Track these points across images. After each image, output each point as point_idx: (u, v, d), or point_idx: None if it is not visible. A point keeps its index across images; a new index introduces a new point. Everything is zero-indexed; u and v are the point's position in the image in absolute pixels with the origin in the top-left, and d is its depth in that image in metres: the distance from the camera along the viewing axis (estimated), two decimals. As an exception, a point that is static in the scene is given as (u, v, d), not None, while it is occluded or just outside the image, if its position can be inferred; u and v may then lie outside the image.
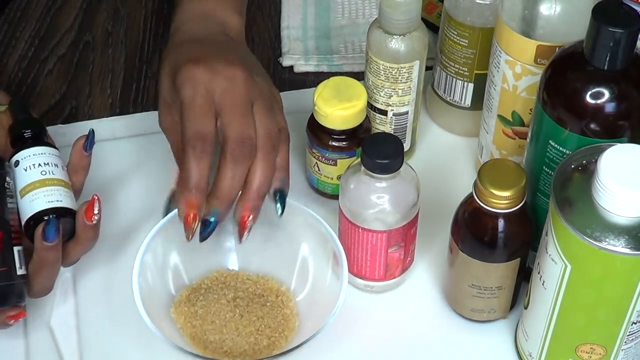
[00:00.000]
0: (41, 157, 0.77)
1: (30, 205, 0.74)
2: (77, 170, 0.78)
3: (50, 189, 0.75)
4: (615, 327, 0.68)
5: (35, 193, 0.75)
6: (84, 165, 0.78)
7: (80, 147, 0.78)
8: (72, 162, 0.78)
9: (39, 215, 0.74)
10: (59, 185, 0.76)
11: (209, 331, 0.77)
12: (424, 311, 0.81)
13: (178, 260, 0.80)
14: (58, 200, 0.75)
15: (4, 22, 1.06)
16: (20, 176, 0.76)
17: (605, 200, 0.62)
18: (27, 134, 0.78)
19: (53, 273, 0.75)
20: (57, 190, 0.75)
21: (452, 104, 0.91)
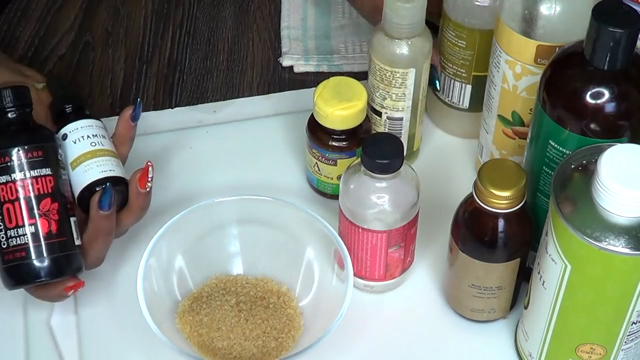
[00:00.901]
0: (89, 129, 0.78)
1: (84, 176, 0.76)
2: (123, 141, 0.79)
3: (102, 159, 0.76)
4: (615, 327, 0.68)
5: (87, 164, 0.76)
6: (130, 136, 0.79)
7: (128, 118, 0.78)
8: (119, 133, 0.79)
9: (94, 185, 0.75)
10: (109, 156, 0.77)
11: (217, 338, 0.77)
12: (424, 311, 0.81)
13: (183, 264, 0.80)
14: (111, 170, 0.76)
15: (4, 22, 1.06)
16: (70, 148, 0.77)
17: (605, 200, 0.62)
18: (69, 109, 0.79)
19: (107, 242, 0.76)
20: (109, 160, 0.77)
21: (451, 105, 0.91)
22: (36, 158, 0.73)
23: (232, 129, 0.95)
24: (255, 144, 0.93)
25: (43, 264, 0.72)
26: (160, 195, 0.88)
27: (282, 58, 1.02)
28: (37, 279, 0.73)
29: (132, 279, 0.75)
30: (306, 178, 0.90)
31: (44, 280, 0.73)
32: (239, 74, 1.01)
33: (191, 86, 1.00)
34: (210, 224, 0.80)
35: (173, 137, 0.94)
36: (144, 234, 0.82)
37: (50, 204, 0.73)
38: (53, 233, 0.72)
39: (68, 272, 0.73)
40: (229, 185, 0.89)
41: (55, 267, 0.72)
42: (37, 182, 0.72)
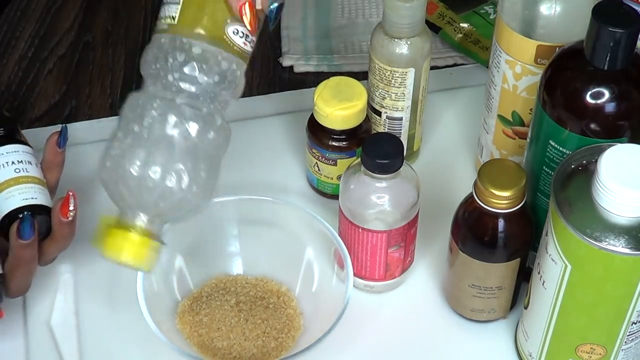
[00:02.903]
0: (14, 155, 0.76)
1: (5, 203, 0.74)
2: (51, 167, 0.77)
3: (24, 186, 0.74)
4: (615, 327, 0.68)
5: (9, 191, 0.74)
6: (58, 162, 0.77)
7: (54, 144, 0.76)
8: (46, 159, 0.77)
9: (14, 213, 0.73)
10: (33, 183, 0.75)
11: (216, 338, 0.77)
12: (424, 311, 0.81)
13: (183, 264, 0.80)
14: (33, 198, 0.74)
15: (4, 22, 1.06)
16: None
17: (605, 200, 0.62)
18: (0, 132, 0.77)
19: (30, 271, 0.73)
20: (32, 187, 0.75)
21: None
22: None
23: (232, 128, 0.95)
24: (255, 144, 0.93)
25: None
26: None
27: (282, 58, 1.01)
28: None
29: (132, 279, 0.75)
30: (306, 178, 0.90)
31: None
32: (239, 74, 1.01)
33: (191, 86, 0.99)
34: (210, 224, 0.80)
35: (173, 137, 0.94)
36: (144, 234, 0.82)
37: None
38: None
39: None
40: (229, 185, 0.89)
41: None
42: None
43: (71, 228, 0.73)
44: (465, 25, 1.01)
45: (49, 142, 0.76)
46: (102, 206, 0.81)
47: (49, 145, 0.76)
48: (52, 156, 0.76)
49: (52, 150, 0.76)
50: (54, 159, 0.77)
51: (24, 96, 0.98)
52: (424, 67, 0.83)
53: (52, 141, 0.76)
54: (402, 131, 0.87)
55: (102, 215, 0.69)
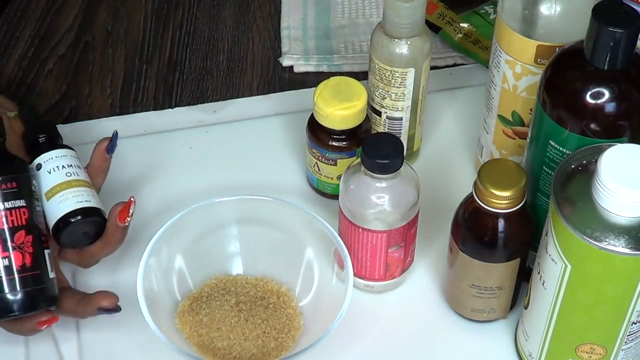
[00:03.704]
0: (64, 159, 0.77)
1: (59, 207, 0.75)
2: (97, 172, 0.78)
3: (77, 189, 0.75)
4: (615, 327, 0.68)
5: (63, 194, 0.75)
6: (105, 168, 0.78)
7: (103, 150, 0.78)
8: (94, 164, 0.78)
9: (70, 215, 0.74)
10: (84, 186, 0.76)
11: (216, 338, 0.77)
12: (424, 311, 0.81)
13: (183, 263, 0.80)
14: (87, 200, 0.75)
15: (4, 22, 1.06)
16: (45, 178, 0.76)
17: (605, 200, 0.62)
18: (42, 139, 0.78)
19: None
20: (85, 190, 0.76)
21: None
22: (10, 189, 0.71)
23: (232, 129, 0.95)
24: (255, 144, 0.93)
25: (16, 297, 0.71)
26: (160, 195, 0.88)
27: (282, 58, 1.02)
28: (10, 313, 0.71)
29: (132, 279, 0.75)
30: (306, 178, 0.90)
31: (17, 315, 0.71)
32: (239, 74, 1.01)
33: (191, 86, 1.00)
34: (210, 224, 0.80)
35: (173, 137, 0.94)
36: (144, 234, 0.82)
37: (25, 237, 0.71)
38: (27, 266, 0.71)
39: (41, 306, 0.72)
40: (229, 185, 0.89)
41: (28, 301, 0.71)
42: (11, 214, 0.71)
43: (124, 233, 0.75)
44: (465, 25, 1.01)
45: (98, 148, 0.78)
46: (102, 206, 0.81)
47: (98, 151, 0.78)
48: (100, 162, 0.78)
49: (100, 156, 0.78)
50: (101, 165, 0.78)
51: (24, 96, 0.98)
52: (424, 67, 0.83)
53: (102, 147, 0.78)
54: (402, 131, 0.87)
55: None
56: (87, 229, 0.76)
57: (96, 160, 0.78)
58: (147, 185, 0.89)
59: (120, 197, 0.87)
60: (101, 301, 0.73)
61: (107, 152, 0.78)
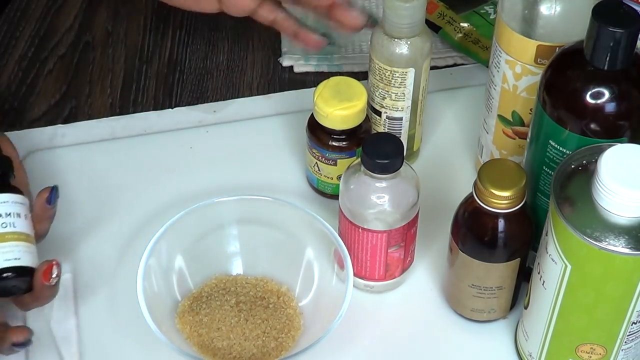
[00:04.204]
0: (3, 207, 0.74)
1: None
2: (41, 220, 0.77)
3: (9, 244, 0.73)
4: (615, 327, 0.68)
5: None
6: (48, 216, 0.77)
7: (43, 200, 0.76)
8: (37, 213, 0.77)
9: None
10: (18, 240, 0.74)
11: (216, 338, 0.77)
12: (424, 311, 0.81)
13: (182, 264, 0.80)
14: (16, 258, 0.73)
15: (4, 22, 1.06)
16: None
17: (605, 200, 0.62)
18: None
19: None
20: (17, 246, 0.73)
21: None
22: None
23: (232, 129, 0.95)
24: (255, 144, 0.93)
25: None
26: (160, 195, 0.88)
27: (282, 58, 1.01)
28: None
29: (132, 279, 0.75)
30: (306, 178, 0.90)
31: None
32: (239, 74, 1.01)
33: (191, 86, 1.00)
34: (210, 224, 0.80)
35: (173, 137, 0.94)
36: (144, 234, 0.82)
37: None
38: None
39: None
40: (229, 185, 0.89)
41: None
42: None
43: (54, 289, 0.74)
44: (465, 24, 1.01)
45: (39, 198, 0.76)
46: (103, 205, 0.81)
47: (39, 201, 0.76)
48: (42, 211, 0.77)
49: (42, 206, 0.76)
50: (43, 214, 0.77)
51: (24, 96, 0.98)
52: (424, 67, 0.83)
53: (42, 198, 0.76)
54: (402, 131, 0.87)
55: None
56: (16, 284, 0.74)
57: (38, 210, 0.77)
58: (147, 185, 0.89)
59: (121, 198, 0.87)
60: (13, 338, 0.73)
61: (48, 203, 0.76)
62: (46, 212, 0.77)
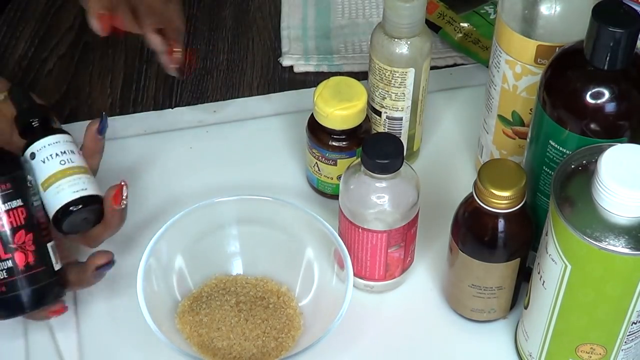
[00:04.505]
0: (57, 146, 0.76)
1: (56, 198, 0.74)
2: (92, 154, 0.78)
3: (72, 178, 0.75)
4: (615, 327, 0.68)
5: (58, 185, 0.74)
6: (99, 149, 0.79)
7: (94, 132, 0.78)
8: (87, 146, 0.78)
9: (67, 206, 0.74)
10: (80, 173, 0.76)
11: (216, 338, 0.77)
12: (424, 311, 0.81)
13: (183, 264, 0.80)
14: (83, 189, 0.75)
15: (4, 22, 1.06)
16: (39, 168, 0.75)
17: (605, 200, 0.62)
18: (35, 123, 0.77)
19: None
20: (80, 178, 0.75)
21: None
22: (5, 191, 0.71)
23: (232, 129, 0.95)
24: (255, 144, 0.93)
25: (24, 296, 0.72)
26: (160, 195, 0.88)
27: (282, 58, 1.02)
28: (20, 312, 0.73)
29: (132, 279, 0.75)
30: (306, 178, 0.90)
31: (27, 312, 0.73)
32: (239, 74, 1.01)
33: (191, 86, 1.00)
34: (210, 224, 0.80)
35: (173, 137, 0.94)
36: (144, 234, 0.82)
37: (25, 236, 0.72)
38: (31, 265, 0.72)
39: (50, 300, 0.73)
40: (229, 185, 0.89)
41: (36, 298, 0.72)
42: (9, 216, 0.71)
43: (122, 215, 0.76)
44: (465, 24, 1.01)
45: (89, 130, 0.78)
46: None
47: (89, 133, 0.78)
48: (93, 143, 0.78)
49: (92, 137, 0.78)
50: (94, 146, 0.78)
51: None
52: (424, 67, 0.83)
53: (93, 129, 0.78)
54: (402, 131, 0.87)
55: None
56: (86, 216, 0.76)
57: (89, 142, 0.78)
58: (147, 185, 0.89)
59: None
60: (96, 261, 0.75)
61: (99, 133, 0.78)
62: (97, 144, 0.78)
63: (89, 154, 0.78)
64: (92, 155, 0.78)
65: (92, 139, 0.78)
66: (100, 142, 0.78)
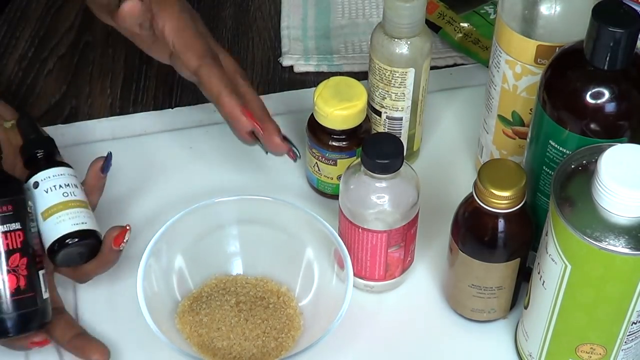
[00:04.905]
0: (61, 178, 0.77)
1: (56, 228, 0.75)
2: (93, 190, 0.79)
3: (74, 211, 0.76)
4: (615, 327, 0.68)
5: (59, 215, 0.75)
6: (100, 186, 0.79)
7: (98, 170, 0.78)
8: (89, 183, 0.79)
9: (66, 237, 0.75)
10: (81, 207, 0.76)
11: (216, 338, 0.77)
12: (424, 311, 0.81)
13: (182, 264, 0.80)
14: (83, 223, 0.76)
15: (4, 22, 1.06)
16: (42, 198, 0.76)
17: (605, 200, 0.62)
18: (40, 154, 0.78)
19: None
20: (81, 212, 0.76)
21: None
22: (5, 213, 0.72)
23: (232, 129, 0.95)
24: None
25: (10, 319, 0.72)
26: (160, 195, 0.88)
27: (282, 58, 1.02)
28: (4, 335, 0.72)
29: (132, 279, 0.75)
30: (306, 178, 0.90)
31: (10, 336, 0.72)
32: (239, 74, 1.01)
33: (191, 86, 0.99)
34: (210, 224, 0.80)
35: (173, 137, 0.94)
36: (144, 234, 0.82)
37: (19, 259, 0.72)
38: (21, 289, 0.72)
39: (34, 327, 0.73)
40: (229, 185, 0.89)
41: (21, 322, 0.72)
42: (6, 238, 0.72)
43: (118, 255, 0.77)
44: (465, 24, 1.01)
45: (93, 167, 0.79)
46: (102, 206, 0.81)
47: (93, 170, 0.79)
48: (95, 181, 0.79)
49: (95, 175, 0.79)
50: (96, 183, 0.79)
51: (24, 96, 0.98)
52: (424, 67, 0.83)
53: (96, 167, 0.79)
54: (402, 131, 0.87)
55: None
56: (82, 250, 0.76)
57: (91, 179, 0.79)
58: (147, 186, 0.89)
59: (121, 198, 0.87)
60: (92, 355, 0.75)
61: (102, 172, 0.79)
62: (99, 181, 0.79)
63: (90, 190, 0.79)
64: (92, 192, 0.79)
65: (94, 176, 0.79)
66: (102, 180, 0.79)
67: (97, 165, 0.78)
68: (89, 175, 0.79)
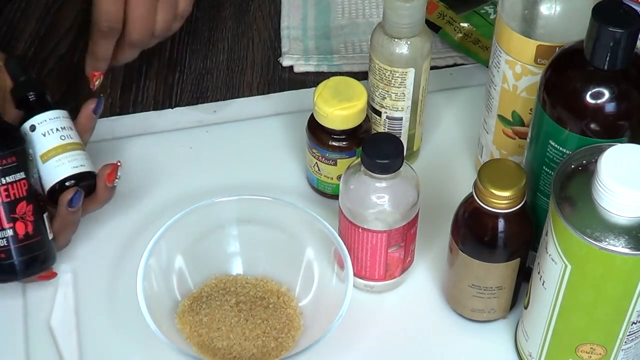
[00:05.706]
0: (57, 121, 0.79)
1: (56, 171, 0.78)
2: (85, 130, 0.82)
3: (72, 153, 0.79)
4: (615, 327, 0.68)
5: (58, 159, 0.78)
6: (91, 127, 0.83)
7: (90, 111, 0.81)
8: (81, 123, 0.82)
9: (66, 180, 0.78)
10: (78, 149, 0.79)
11: (216, 338, 0.77)
12: (424, 311, 0.81)
13: (182, 264, 0.80)
14: (82, 165, 0.79)
15: (4, 22, 1.06)
16: (40, 141, 0.78)
17: (605, 200, 0.62)
18: (32, 97, 0.80)
19: (73, 230, 0.80)
20: (79, 154, 0.79)
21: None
22: (9, 165, 0.74)
23: (232, 129, 0.95)
24: (255, 144, 0.93)
25: (22, 263, 0.75)
26: (160, 195, 0.88)
27: (282, 58, 1.02)
28: (12, 279, 0.76)
29: (132, 279, 0.75)
30: (306, 178, 0.90)
31: (18, 279, 0.76)
32: (239, 74, 1.01)
33: (191, 86, 1.00)
34: (210, 224, 0.80)
35: (173, 137, 0.94)
36: (144, 234, 0.82)
37: (26, 207, 0.75)
38: (29, 234, 0.75)
39: (43, 267, 0.77)
40: (229, 185, 0.89)
41: (32, 265, 0.76)
42: (12, 188, 0.74)
43: (112, 192, 0.80)
44: (465, 24, 1.01)
45: (85, 109, 0.82)
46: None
47: (85, 111, 0.82)
48: (87, 121, 0.82)
49: (87, 116, 0.82)
50: (87, 123, 0.82)
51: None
52: (424, 67, 0.83)
53: (89, 108, 0.82)
54: (402, 131, 0.87)
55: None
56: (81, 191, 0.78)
57: (83, 120, 0.82)
58: (147, 186, 0.89)
59: (122, 198, 0.87)
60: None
61: (94, 113, 0.82)
62: (91, 122, 0.82)
63: (82, 130, 0.82)
64: (85, 132, 0.82)
65: (87, 117, 0.82)
66: (93, 121, 0.82)
67: (89, 107, 0.82)
68: (81, 116, 0.82)
